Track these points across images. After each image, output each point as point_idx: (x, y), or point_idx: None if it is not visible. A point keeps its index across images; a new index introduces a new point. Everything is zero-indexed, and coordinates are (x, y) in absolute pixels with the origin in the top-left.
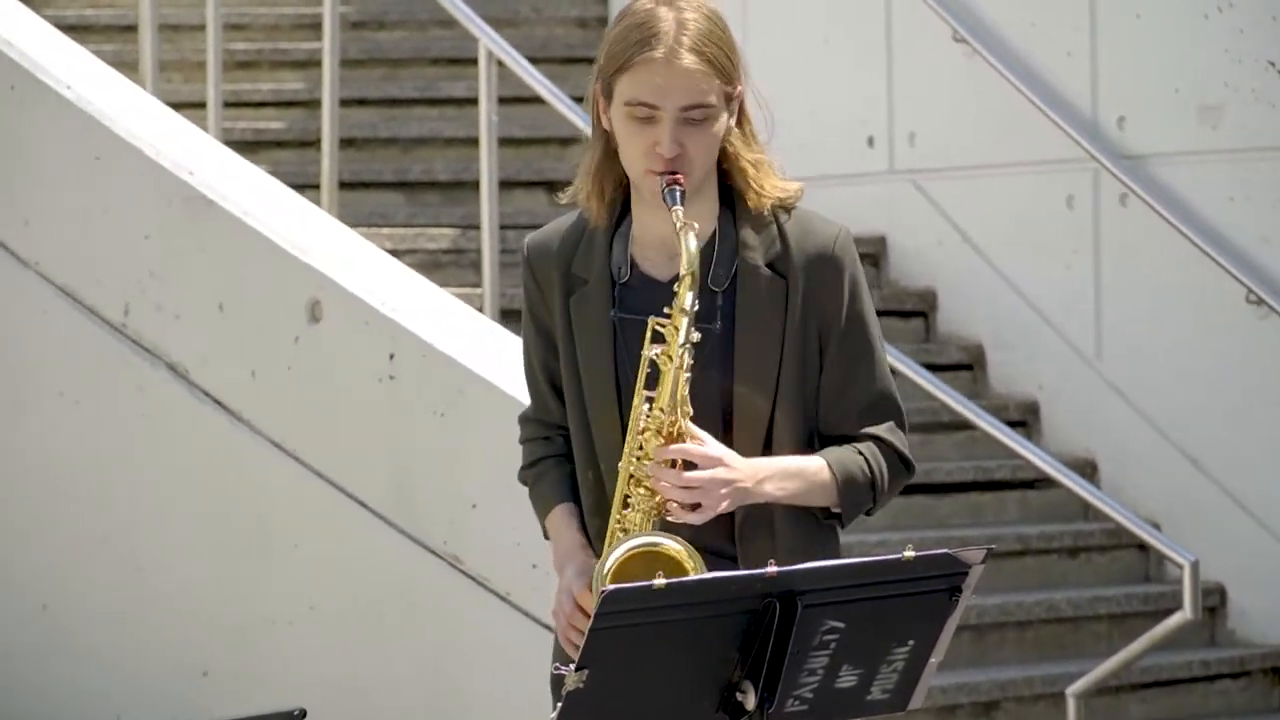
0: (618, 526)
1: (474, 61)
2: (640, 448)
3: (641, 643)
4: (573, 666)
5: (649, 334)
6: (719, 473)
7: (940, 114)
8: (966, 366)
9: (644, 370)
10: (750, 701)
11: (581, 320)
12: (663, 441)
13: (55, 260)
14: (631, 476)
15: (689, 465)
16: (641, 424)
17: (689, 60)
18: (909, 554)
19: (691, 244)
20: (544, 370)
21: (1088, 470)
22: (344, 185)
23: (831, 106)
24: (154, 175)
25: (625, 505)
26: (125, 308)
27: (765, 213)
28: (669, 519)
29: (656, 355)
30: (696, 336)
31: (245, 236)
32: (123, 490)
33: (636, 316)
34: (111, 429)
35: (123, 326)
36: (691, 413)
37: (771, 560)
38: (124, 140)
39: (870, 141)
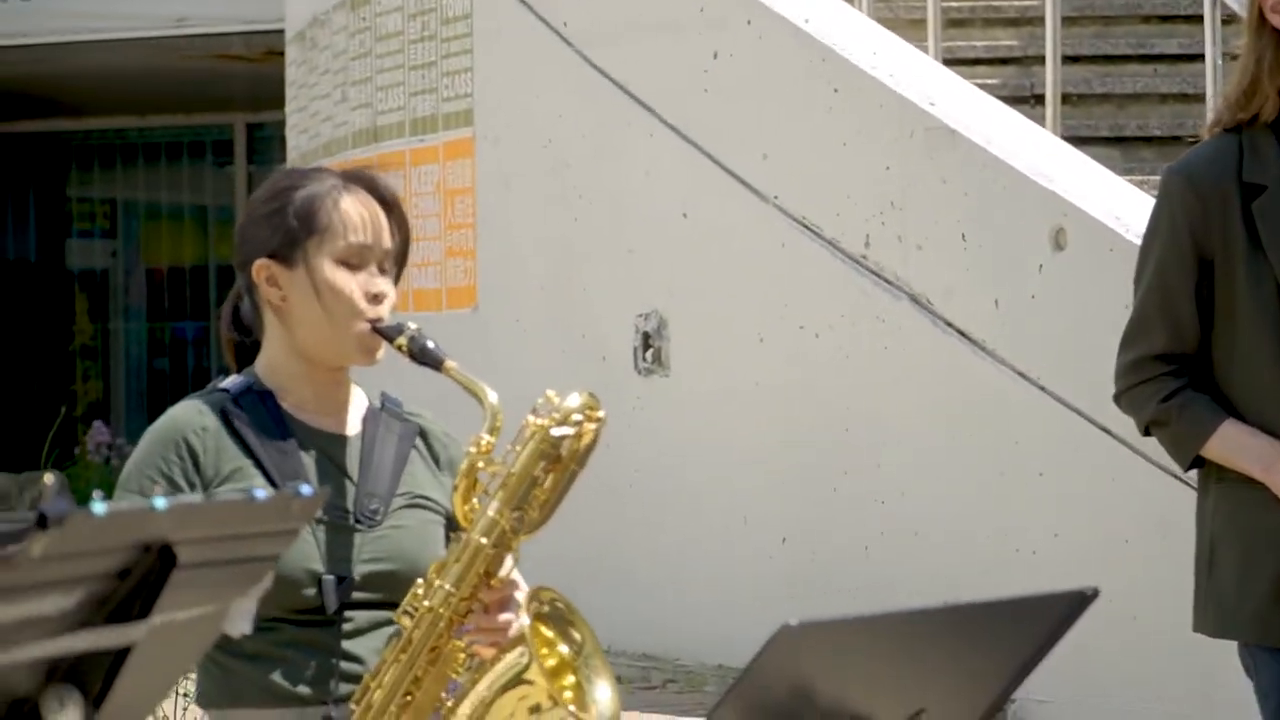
0: None
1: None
2: None
3: None
4: None
5: None
6: None
7: None
8: None
9: None
10: None
11: (1270, 222)
12: None
13: (794, 193)
14: None
15: None
16: None
17: None
18: None
19: None
20: (1190, 300)
21: None
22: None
23: None
24: (895, 106)
25: None
26: (866, 239)
27: None
28: None
29: None
30: None
31: (988, 165)
32: (864, 423)
33: None
34: (853, 361)
35: (863, 258)
36: None
37: None
38: (863, 71)
39: None
